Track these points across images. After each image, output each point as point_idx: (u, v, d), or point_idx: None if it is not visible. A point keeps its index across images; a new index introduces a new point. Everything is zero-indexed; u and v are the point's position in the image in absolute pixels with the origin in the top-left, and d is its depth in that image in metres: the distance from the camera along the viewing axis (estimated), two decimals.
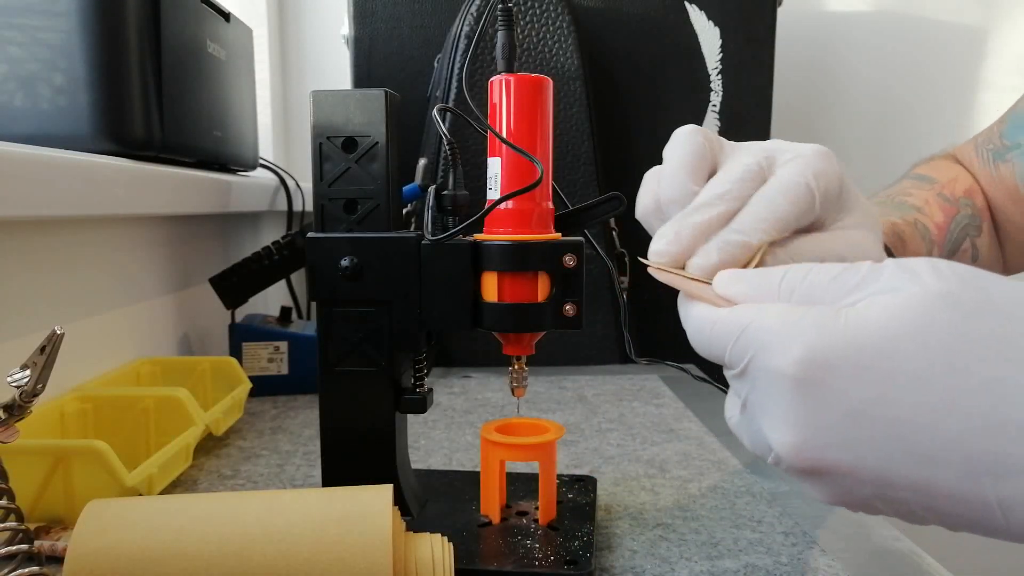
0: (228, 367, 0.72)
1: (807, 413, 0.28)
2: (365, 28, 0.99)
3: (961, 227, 0.56)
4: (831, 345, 0.28)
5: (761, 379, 0.30)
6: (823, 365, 0.28)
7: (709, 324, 0.33)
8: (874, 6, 1.28)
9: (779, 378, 0.29)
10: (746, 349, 0.31)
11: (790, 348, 0.29)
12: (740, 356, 0.31)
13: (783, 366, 0.29)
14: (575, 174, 0.90)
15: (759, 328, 0.30)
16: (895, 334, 0.27)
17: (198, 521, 0.35)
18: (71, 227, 0.66)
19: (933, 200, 0.57)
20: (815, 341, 0.28)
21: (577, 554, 0.42)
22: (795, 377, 0.28)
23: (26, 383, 0.33)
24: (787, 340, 0.29)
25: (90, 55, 0.64)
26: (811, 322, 0.29)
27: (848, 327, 0.28)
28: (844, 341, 0.28)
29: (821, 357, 0.28)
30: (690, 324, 0.34)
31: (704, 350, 0.34)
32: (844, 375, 0.28)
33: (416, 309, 0.44)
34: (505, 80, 0.43)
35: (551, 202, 0.44)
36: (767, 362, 0.29)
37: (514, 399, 0.47)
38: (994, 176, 0.59)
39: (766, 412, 0.30)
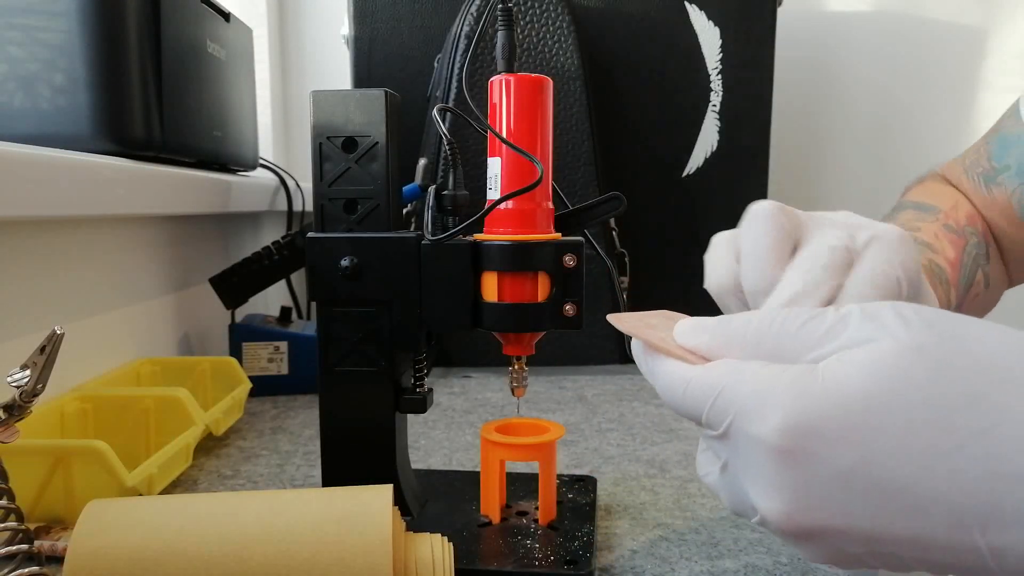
0: (228, 367, 0.72)
1: (793, 480, 0.28)
2: (365, 28, 0.99)
3: (972, 259, 0.56)
4: (811, 409, 0.28)
5: (743, 445, 0.29)
6: (805, 432, 0.27)
7: (681, 384, 0.32)
8: (874, 6, 1.28)
9: (761, 446, 0.28)
10: (724, 414, 0.30)
11: (770, 416, 0.28)
12: (719, 420, 0.30)
13: (765, 435, 0.28)
14: (575, 174, 0.90)
15: (736, 392, 0.30)
16: (872, 393, 0.27)
17: (198, 521, 0.35)
18: (71, 227, 0.66)
19: (941, 234, 0.56)
20: (795, 407, 0.28)
21: (577, 554, 0.42)
22: (778, 447, 0.28)
23: (26, 383, 0.33)
24: (766, 406, 0.28)
25: (90, 55, 0.64)
26: (788, 384, 0.28)
27: (826, 389, 0.28)
28: (823, 405, 0.27)
29: (803, 423, 0.28)
30: (659, 382, 0.33)
31: (677, 409, 0.33)
32: (827, 440, 0.27)
33: (416, 309, 0.44)
34: (505, 80, 0.43)
35: (551, 202, 0.44)
36: (747, 429, 0.29)
37: (514, 399, 0.47)
38: (988, 199, 0.59)
39: (750, 477, 0.30)
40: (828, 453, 0.27)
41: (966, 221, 0.58)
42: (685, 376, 0.32)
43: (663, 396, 0.33)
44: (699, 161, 0.98)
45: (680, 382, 0.32)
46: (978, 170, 0.60)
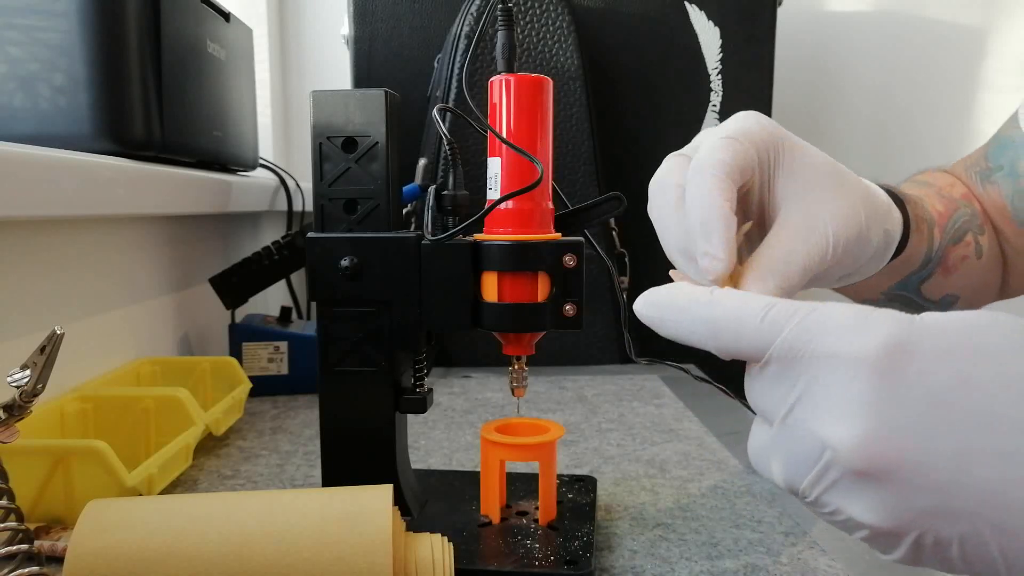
0: (228, 367, 0.72)
1: (882, 401, 0.27)
2: (365, 28, 0.99)
3: (963, 219, 0.56)
4: (911, 331, 0.27)
5: (830, 366, 0.28)
6: (905, 350, 0.27)
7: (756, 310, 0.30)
8: (874, 6, 1.28)
9: (857, 363, 0.27)
10: (813, 334, 0.28)
11: (871, 332, 0.27)
12: (802, 341, 0.29)
13: (863, 350, 0.27)
14: (575, 174, 0.90)
15: (831, 313, 0.29)
16: (972, 323, 0.27)
17: (198, 521, 0.35)
18: (71, 227, 0.66)
19: (932, 195, 0.56)
20: (896, 327, 0.27)
21: (577, 554, 0.42)
22: (876, 362, 0.27)
23: (26, 383, 0.33)
24: (866, 326, 0.28)
25: (90, 55, 0.64)
26: (889, 316, 0.28)
27: (926, 321, 0.28)
28: (927, 333, 0.27)
29: (904, 340, 0.27)
30: (715, 310, 0.31)
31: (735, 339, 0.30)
32: (926, 359, 0.27)
33: (416, 309, 0.44)
34: (505, 80, 0.43)
35: (551, 202, 0.44)
36: (843, 346, 0.28)
37: (514, 399, 0.47)
38: (984, 196, 0.59)
39: (829, 405, 0.28)
40: (923, 371, 0.27)
41: (960, 196, 0.58)
42: (765, 301, 0.30)
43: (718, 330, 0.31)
44: None
45: (759, 307, 0.30)
46: (976, 168, 0.61)
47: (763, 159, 0.38)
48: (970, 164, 0.62)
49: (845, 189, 0.39)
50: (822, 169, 0.39)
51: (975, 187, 0.60)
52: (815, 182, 0.38)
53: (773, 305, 0.30)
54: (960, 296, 0.57)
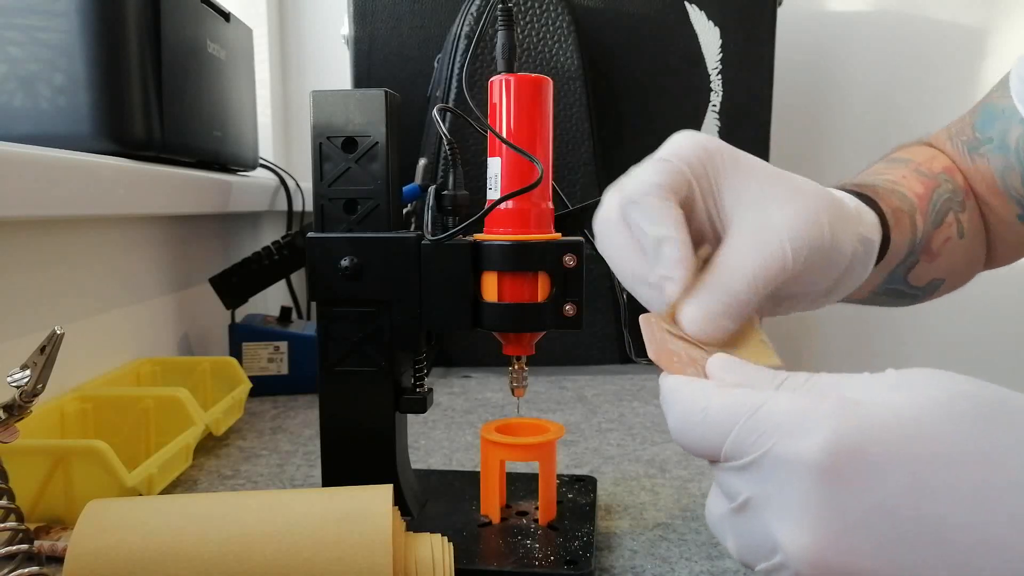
0: (228, 367, 0.72)
1: (830, 508, 0.25)
2: (365, 28, 0.99)
3: (943, 199, 0.53)
4: (859, 428, 0.25)
5: (774, 469, 0.27)
6: (852, 453, 0.25)
7: (701, 407, 0.29)
8: (874, 6, 1.28)
9: (800, 468, 0.26)
10: (757, 436, 0.27)
11: (814, 433, 0.26)
12: (746, 444, 0.28)
13: (806, 453, 0.26)
14: (575, 174, 0.90)
15: (772, 412, 0.27)
16: (924, 421, 0.25)
17: (198, 521, 0.35)
18: (71, 227, 0.66)
19: (910, 175, 0.53)
20: (842, 425, 0.26)
21: (577, 554, 0.42)
22: (820, 466, 0.25)
23: (26, 383, 0.33)
24: (809, 424, 0.26)
25: (90, 55, 0.64)
26: (833, 407, 0.26)
27: (874, 414, 0.26)
28: (872, 427, 0.25)
29: (850, 443, 0.25)
30: (676, 408, 0.31)
31: (694, 439, 0.30)
32: (875, 464, 0.25)
33: (416, 309, 0.44)
34: (505, 80, 0.43)
35: (551, 202, 0.44)
36: (785, 449, 0.26)
37: (514, 399, 0.47)
38: (971, 168, 0.56)
39: (778, 508, 0.27)
40: (875, 479, 0.25)
41: (941, 170, 0.55)
42: (705, 398, 0.29)
43: (678, 427, 0.31)
44: None
45: (699, 405, 0.29)
46: (962, 138, 0.58)
47: (699, 174, 0.37)
48: (955, 133, 0.59)
49: (799, 195, 0.37)
50: (770, 177, 0.37)
51: (961, 159, 0.57)
52: (763, 190, 0.37)
53: (708, 407, 0.29)
54: (945, 280, 0.55)
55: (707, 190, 0.37)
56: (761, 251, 0.35)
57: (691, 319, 0.34)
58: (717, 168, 0.37)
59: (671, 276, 0.35)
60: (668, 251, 0.34)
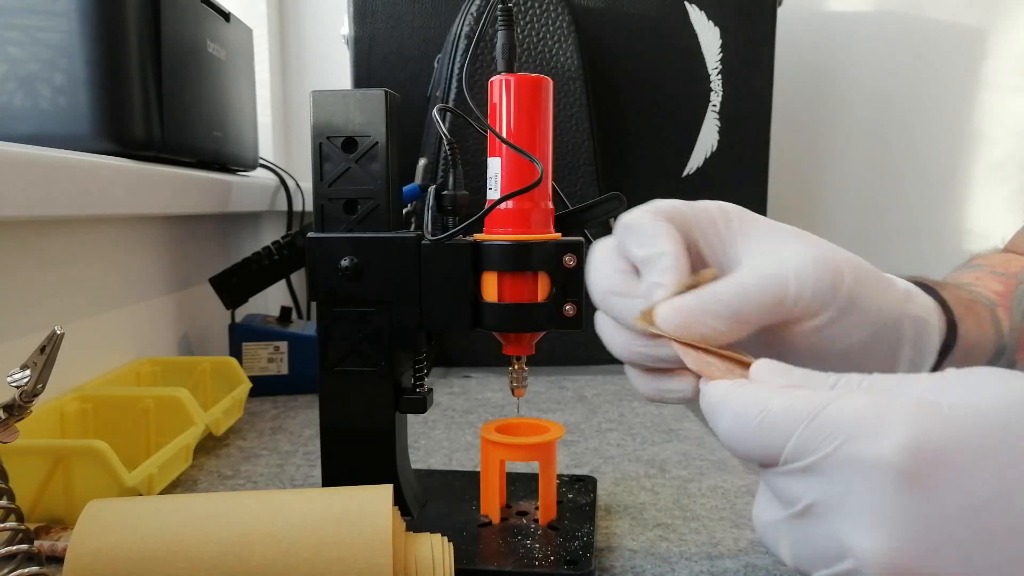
0: (228, 367, 0.72)
1: (912, 513, 0.24)
2: (365, 28, 0.99)
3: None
4: (942, 431, 0.24)
5: (845, 471, 0.25)
6: (934, 454, 0.24)
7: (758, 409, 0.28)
8: (874, 6, 1.28)
9: (876, 470, 0.24)
10: (824, 436, 0.26)
11: (891, 433, 0.24)
12: (812, 445, 0.26)
13: (883, 455, 0.24)
14: (575, 174, 0.90)
15: (844, 410, 0.26)
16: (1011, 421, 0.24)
17: (198, 521, 0.35)
18: (71, 227, 0.66)
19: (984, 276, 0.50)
20: (921, 425, 0.24)
21: (577, 554, 0.42)
22: (899, 468, 0.24)
23: (26, 383, 0.33)
24: (885, 425, 0.25)
25: (90, 55, 0.64)
26: (910, 406, 0.25)
27: (956, 414, 0.24)
28: (955, 427, 0.24)
29: (931, 444, 0.24)
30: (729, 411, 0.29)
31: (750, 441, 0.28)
32: (959, 466, 0.24)
33: (416, 309, 0.44)
34: (505, 80, 0.43)
35: (551, 202, 0.44)
36: (859, 450, 0.25)
37: (514, 399, 0.47)
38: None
39: (849, 513, 0.25)
40: (959, 481, 0.24)
41: (1020, 269, 0.51)
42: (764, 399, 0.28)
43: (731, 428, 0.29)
44: (699, 161, 0.98)
45: (756, 407, 0.28)
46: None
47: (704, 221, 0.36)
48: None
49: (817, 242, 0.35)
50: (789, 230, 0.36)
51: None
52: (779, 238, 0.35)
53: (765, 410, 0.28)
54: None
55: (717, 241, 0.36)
56: (760, 273, 0.34)
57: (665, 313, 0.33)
58: (730, 220, 0.36)
59: (662, 282, 0.34)
60: (661, 262, 0.34)
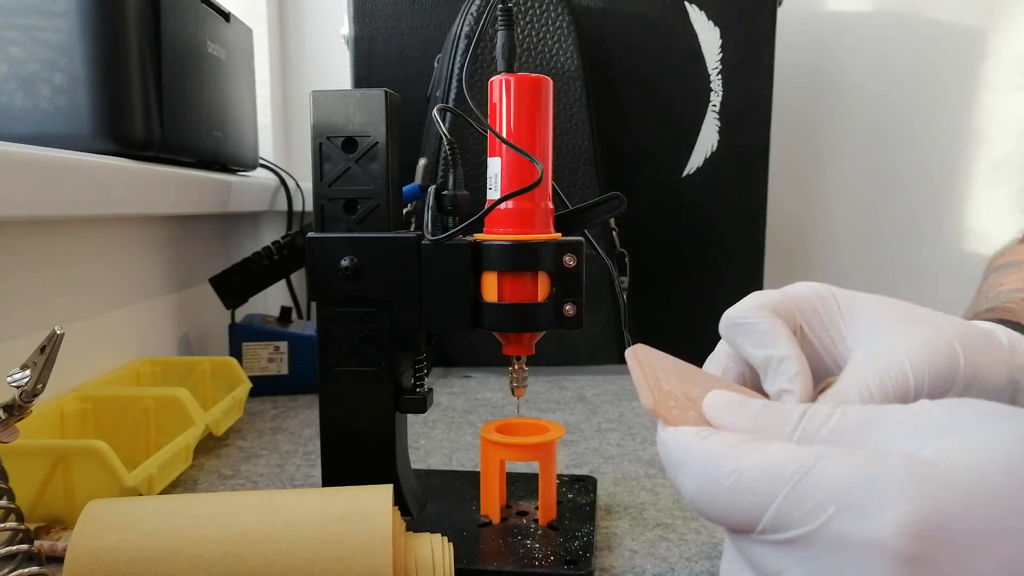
0: (228, 367, 0.72)
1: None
2: (365, 28, 0.99)
3: None
4: (943, 503, 0.22)
5: (837, 550, 0.23)
6: (935, 531, 0.22)
7: (729, 468, 0.25)
8: (874, 6, 1.28)
9: (871, 551, 0.22)
10: (810, 506, 0.23)
11: (887, 508, 0.22)
12: (795, 516, 0.23)
13: (881, 534, 0.22)
14: (575, 174, 0.90)
15: (829, 476, 0.23)
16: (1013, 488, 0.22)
17: (198, 521, 0.35)
18: (71, 227, 0.66)
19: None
20: (921, 498, 0.22)
21: (577, 554, 0.42)
22: (898, 550, 0.22)
23: (26, 383, 0.33)
24: (880, 496, 0.22)
25: (90, 55, 0.64)
26: (903, 471, 0.22)
27: (953, 480, 0.22)
28: (954, 497, 0.22)
29: (932, 520, 0.22)
30: (692, 468, 0.26)
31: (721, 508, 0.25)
32: (964, 543, 0.22)
33: (416, 309, 0.44)
34: (505, 80, 0.43)
35: (551, 202, 0.44)
36: (851, 527, 0.22)
37: (514, 399, 0.47)
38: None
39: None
40: (966, 561, 0.22)
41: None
42: (735, 458, 0.25)
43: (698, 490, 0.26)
44: (699, 161, 0.98)
45: (727, 467, 0.25)
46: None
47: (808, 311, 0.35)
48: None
49: (927, 321, 0.34)
50: (896, 309, 0.34)
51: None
52: (888, 322, 0.34)
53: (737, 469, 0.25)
54: None
55: (821, 327, 0.35)
56: (878, 366, 0.32)
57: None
58: (829, 304, 0.35)
59: (790, 389, 0.32)
60: (785, 367, 0.32)
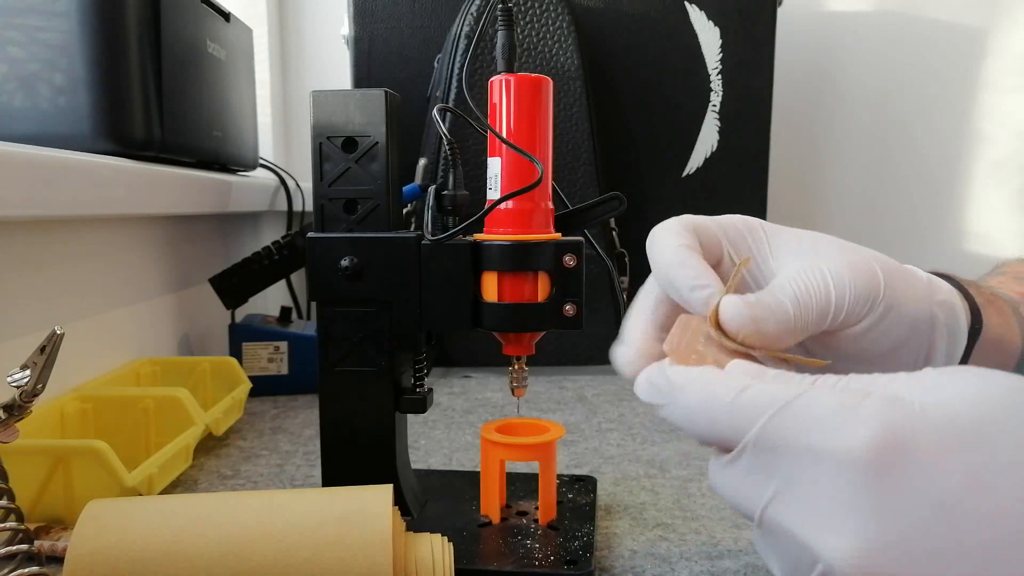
0: (228, 367, 0.72)
1: (879, 507, 0.23)
2: (365, 28, 0.99)
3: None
4: (912, 425, 0.23)
5: (813, 466, 0.24)
6: (903, 447, 0.23)
7: (724, 396, 0.27)
8: (874, 6, 1.28)
9: (843, 465, 0.24)
10: (792, 424, 0.25)
11: (859, 428, 0.24)
12: (777, 435, 0.25)
13: (850, 448, 0.23)
14: (575, 174, 0.90)
15: (813, 402, 0.25)
16: (983, 418, 0.23)
17: (198, 521, 0.35)
18: (71, 227, 0.66)
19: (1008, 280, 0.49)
20: (890, 419, 0.23)
21: (577, 554, 0.42)
22: (867, 462, 0.23)
23: (26, 383, 0.33)
24: (853, 418, 0.24)
25: (90, 55, 0.64)
26: (879, 401, 0.24)
27: (926, 409, 0.24)
28: (927, 423, 0.23)
29: (900, 437, 0.23)
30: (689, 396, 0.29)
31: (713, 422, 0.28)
32: (929, 460, 0.23)
33: (416, 309, 0.44)
34: (505, 80, 0.43)
35: (551, 202, 0.44)
36: (826, 443, 0.24)
37: (514, 399, 0.47)
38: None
39: (814, 509, 0.24)
40: (929, 477, 0.23)
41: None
42: (731, 387, 0.27)
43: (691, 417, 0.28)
44: (699, 161, 0.98)
45: (722, 394, 0.27)
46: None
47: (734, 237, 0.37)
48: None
49: (850, 248, 0.36)
50: (819, 236, 0.36)
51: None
52: (812, 245, 0.36)
53: (745, 388, 0.27)
54: None
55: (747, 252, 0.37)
56: (804, 281, 0.33)
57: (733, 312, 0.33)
58: (756, 231, 0.37)
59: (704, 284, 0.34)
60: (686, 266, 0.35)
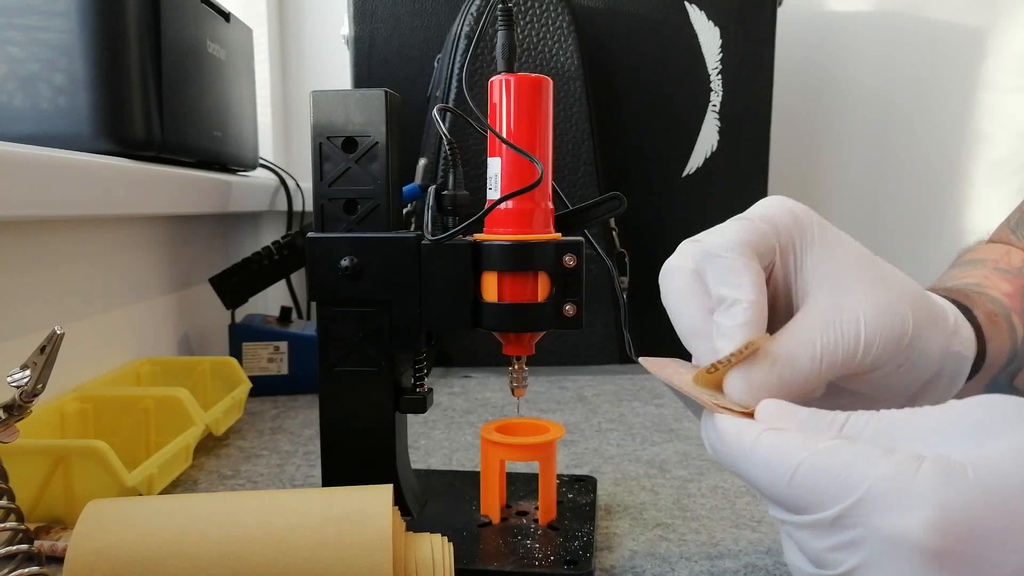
0: (228, 367, 0.72)
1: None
2: (365, 28, 0.99)
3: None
4: (968, 502, 0.23)
5: (879, 543, 0.24)
6: (962, 529, 0.23)
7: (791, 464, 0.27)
8: (874, 6, 1.28)
9: (904, 545, 0.23)
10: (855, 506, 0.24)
11: (916, 508, 0.23)
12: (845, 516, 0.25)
13: (910, 531, 0.23)
14: (575, 174, 0.90)
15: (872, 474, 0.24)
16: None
17: (198, 521, 0.35)
18: (71, 227, 0.66)
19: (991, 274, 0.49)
20: (948, 498, 0.23)
21: (577, 554, 0.42)
22: (926, 545, 0.23)
23: (26, 383, 0.33)
24: (911, 497, 0.23)
25: (90, 55, 0.64)
26: (933, 476, 0.23)
27: (980, 479, 0.23)
28: (982, 498, 0.23)
29: (959, 519, 0.23)
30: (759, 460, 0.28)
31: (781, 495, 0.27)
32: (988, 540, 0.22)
33: (416, 309, 0.44)
34: (505, 80, 0.43)
35: (551, 202, 0.44)
36: (886, 525, 0.24)
37: (514, 399, 0.47)
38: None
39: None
40: (990, 557, 0.22)
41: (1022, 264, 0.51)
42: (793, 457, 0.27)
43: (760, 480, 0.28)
44: (699, 161, 0.98)
45: (787, 464, 0.27)
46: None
47: (785, 243, 0.35)
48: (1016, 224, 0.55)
49: (886, 284, 0.35)
50: (859, 258, 0.35)
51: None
52: (849, 270, 0.35)
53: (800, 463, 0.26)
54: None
55: (790, 259, 0.35)
56: (833, 332, 0.33)
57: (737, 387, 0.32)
58: (805, 237, 0.35)
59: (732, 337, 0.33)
60: (738, 312, 0.33)
